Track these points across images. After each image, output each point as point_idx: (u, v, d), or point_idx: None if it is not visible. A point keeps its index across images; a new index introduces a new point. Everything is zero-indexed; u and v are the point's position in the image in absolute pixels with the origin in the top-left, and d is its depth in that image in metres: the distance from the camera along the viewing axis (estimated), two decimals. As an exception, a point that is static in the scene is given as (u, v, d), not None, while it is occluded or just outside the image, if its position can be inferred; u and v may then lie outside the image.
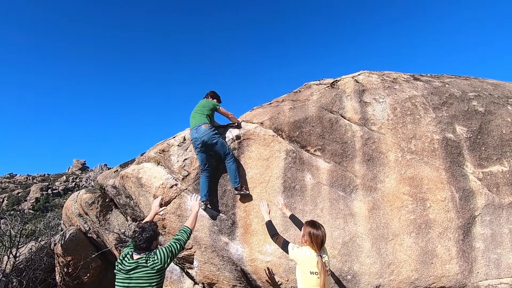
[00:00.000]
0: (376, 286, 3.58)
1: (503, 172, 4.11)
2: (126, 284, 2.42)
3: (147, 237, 2.54)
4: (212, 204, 3.81)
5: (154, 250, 2.57)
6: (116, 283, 2.48)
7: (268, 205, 3.38)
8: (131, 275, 2.42)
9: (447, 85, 4.80)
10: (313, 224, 2.70)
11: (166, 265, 2.53)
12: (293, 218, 3.33)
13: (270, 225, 3.07)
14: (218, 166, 3.99)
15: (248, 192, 3.85)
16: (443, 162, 4.06)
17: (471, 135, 4.27)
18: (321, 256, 2.56)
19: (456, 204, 3.86)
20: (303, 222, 2.93)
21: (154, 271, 2.44)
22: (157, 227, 2.77)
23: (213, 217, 3.80)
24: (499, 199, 3.96)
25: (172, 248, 2.61)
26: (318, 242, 2.59)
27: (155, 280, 2.46)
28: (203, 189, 3.74)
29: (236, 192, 3.81)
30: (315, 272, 2.50)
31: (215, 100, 4.31)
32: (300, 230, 2.89)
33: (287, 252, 2.75)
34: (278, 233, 3.00)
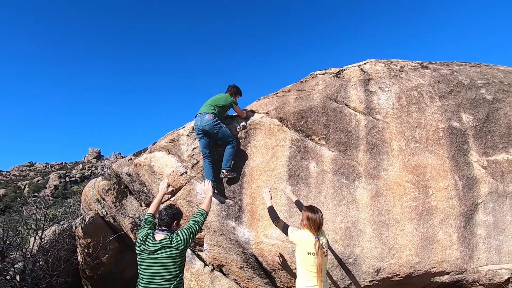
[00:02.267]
0: (377, 269, 3.74)
1: (509, 160, 4.12)
2: (151, 264, 2.60)
3: (171, 213, 2.77)
4: (219, 190, 4.01)
5: (176, 231, 2.76)
6: (140, 263, 2.66)
7: (270, 191, 3.58)
8: (157, 255, 2.60)
9: (455, 73, 4.76)
10: (311, 209, 2.89)
11: (188, 246, 2.73)
12: (298, 203, 3.56)
13: (271, 210, 3.28)
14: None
15: (234, 175, 4.03)
16: (447, 151, 4.10)
17: (477, 124, 4.27)
18: (318, 238, 2.75)
19: (459, 192, 3.92)
20: None
21: (179, 251, 2.64)
22: (181, 211, 2.99)
23: (221, 203, 4.02)
24: (503, 187, 3.99)
25: (192, 229, 2.81)
26: (315, 225, 2.78)
27: (180, 259, 2.66)
28: (208, 174, 3.92)
29: (222, 174, 3.97)
30: (313, 253, 2.71)
31: (234, 97, 4.42)
32: None
33: (287, 234, 2.96)
34: (279, 217, 3.21)
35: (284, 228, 3.01)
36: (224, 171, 3.98)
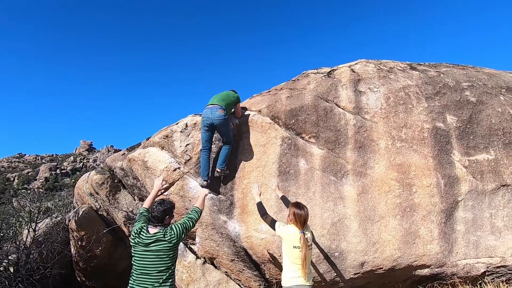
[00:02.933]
0: (362, 263, 3.93)
1: (489, 160, 4.32)
2: (145, 256, 2.71)
3: (164, 209, 2.86)
4: (212, 187, 4.12)
5: (170, 225, 2.88)
6: (134, 255, 2.77)
7: (259, 187, 3.73)
8: (150, 248, 2.71)
9: (442, 75, 4.93)
10: (297, 205, 3.08)
11: (180, 240, 2.85)
12: (284, 199, 3.71)
13: (260, 206, 3.45)
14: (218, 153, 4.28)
15: (228, 172, 4.15)
16: (431, 150, 4.28)
17: (461, 125, 4.45)
18: (303, 233, 2.93)
19: (440, 190, 4.11)
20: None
21: (172, 244, 2.75)
22: (173, 205, 3.09)
23: (212, 198, 4.14)
24: (483, 186, 4.20)
25: (186, 224, 2.92)
26: (301, 220, 2.97)
27: (172, 253, 2.78)
28: (205, 168, 4.00)
29: (217, 172, 4.07)
30: (298, 247, 2.89)
31: (237, 95, 4.49)
32: None
33: (274, 229, 3.14)
34: (267, 213, 3.38)
35: (272, 223, 3.18)
36: (218, 169, 4.07)
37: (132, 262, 2.79)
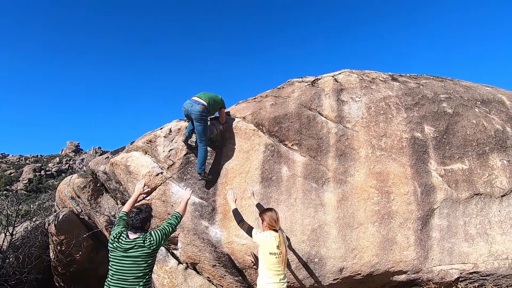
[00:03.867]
0: (340, 269, 4.00)
1: (463, 169, 4.49)
2: (123, 261, 2.71)
3: (143, 217, 2.85)
4: (193, 192, 4.14)
5: (150, 232, 2.89)
6: (111, 260, 2.76)
7: (234, 194, 3.79)
8: (129, 254, 2.71)
9: (421, 87, 5.12)
10: (266, 209, 3.24)
11: (159, 246, 2.87)
12: (259, 206, 3.78)
13: (236, 213, 3.49)
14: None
15: (210, 177, 4.18)
16: (409, 159, 4.42)
17: (437, 135, 4.62)
18: (280, 230, 3.09)
19: (417, 198, 4.25)
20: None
21: (151, 250, 2.77)
22: (151, 209, 3.09)
23: (195, 204, 4.15)
24: (457, 194, 4.36)
25: (165, 230, 2.94)
26: (274, 218, 3.10)
27: (151, 259, 2.80)
28: (188, 128, 4.24)
29: (199, 176, 4.13)
30: (274, 253, 2.97)
31: (223, 100, 4.51)
32: None
33: (251, 236, 3.20)
34: (243, 219, 3.43)
35: (249, 230, 3.23)
36: (198, 173, 4.09)
37: (109, 266, 2.78)
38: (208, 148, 4.25)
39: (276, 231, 3.13)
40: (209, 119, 4.28)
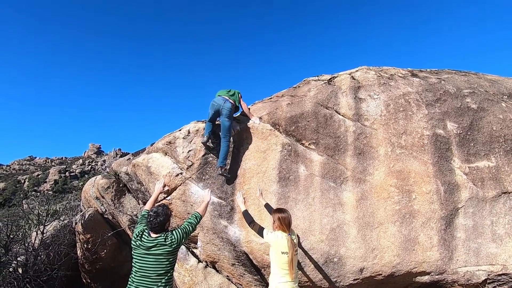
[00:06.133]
0: (361, 269, 3.95)
1: (489, 167, 4.31)
2: (145, 259, 2.81)
3: (160, 221, 2.92)
4: (212, 192, 4.22)
5: (171, 230, 2.98)
6: (134, 257, 2.86)
7: (243, 195, 3.85)
8: (151, 252, 2.81)
9: (443, 82, 4.95)
10: (279, 210, 3.21)
11: (180, 245, 2.96)
12: (267, 206, 3.79)
13: (246, 214, 3.53)
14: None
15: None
16: (431, 157, 4.30)
17: (461, 132, 4.46)
18: (290, 235, 3.05)
19: (440, 197, 4.12)
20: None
21: (172, 248, 2.86)
22: (169, 210, 3.16)
23: (213, 203, 4.23)
24: (483, 193, 4.19)
25: (186, 229, 3.04)
26: (286, 223, 3.08)
27: (172, 257, 2.89)
28: (207, 128, 4.32)
29: (219, 171, 4.15)
30: (285, 252, 2.99)
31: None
32: None
33: (262, 236, 3.24)
34: (254, 220, 3.46)
35: (260, 231, 3.28)
36: (218, 167, 4.16)
37: (132, 264, 2.89)
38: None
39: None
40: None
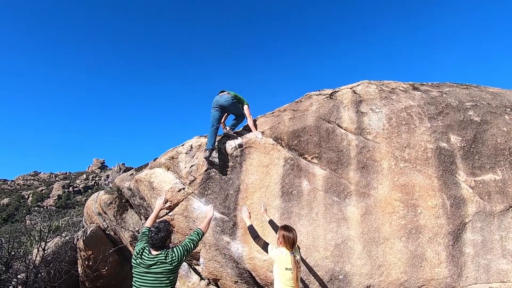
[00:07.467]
0: (367, 286, 3.84)
1: (496, 180, 4.25)
2: (146, 277, 2.75)
3: (162, 237, 2.88)
4: (215, 207, 4.18)
5: (172, 248, 2.92)
6: (135, 276, 2.81)
7: (248, 211, 3.77)
8: (152, 270, 2.76)
9: (444, 95, 4.96)
10: (286, 228, 3.14)
11: (181, 262, 2.89)
12: (271, 223, 3.73)
13: (251, 229, 3.47)
14: (222, 175, 4.37)
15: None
16: (435, 171, 4.25)
17: (465, 144, 4.43)
18: (293, 254, 2.99)
19: (447, 211, 4.04)
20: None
21: (172, 266, 2.80)
22: (170, 226, 3.12)
23: (216, 219, 4.18)
24: (491, 207, 4.11)
25: (187, 247, 2.97)
26: (290, 242, 3.03)
27: (173, 275, 2.82)
28: (210, 140, 4.43)
29: (226, 130, 4.76)
30: (289, 268, 2.94)
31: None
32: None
33: (267, 252, 3.20)
34: (259, 235, 3.40)
35: (264, 246, 3.24)
36: (228, 127, 4.78)
37: (133, 282, 2.83)
38: (230, 163, 4.36)
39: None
40: (233, 132, 4.78)
